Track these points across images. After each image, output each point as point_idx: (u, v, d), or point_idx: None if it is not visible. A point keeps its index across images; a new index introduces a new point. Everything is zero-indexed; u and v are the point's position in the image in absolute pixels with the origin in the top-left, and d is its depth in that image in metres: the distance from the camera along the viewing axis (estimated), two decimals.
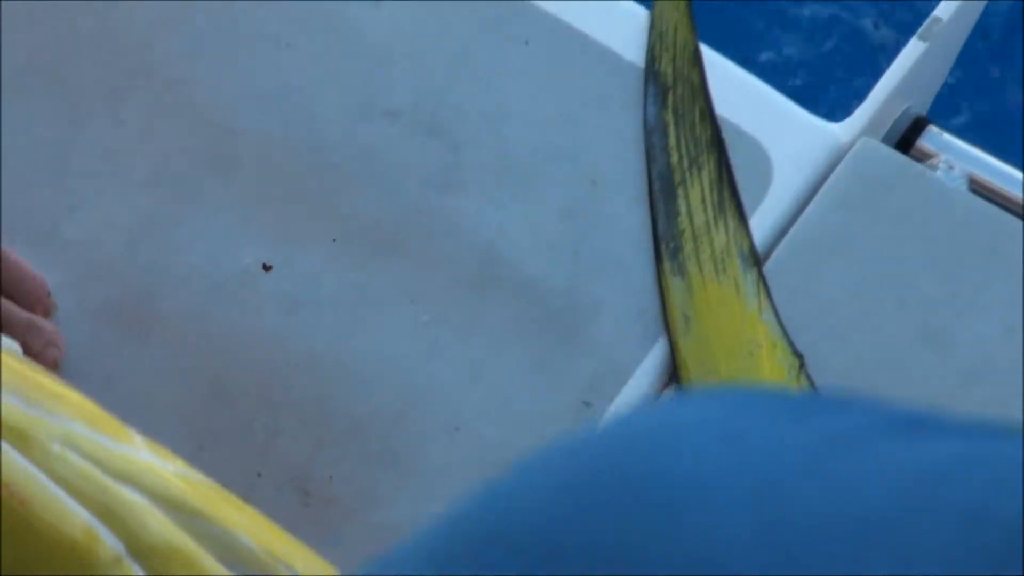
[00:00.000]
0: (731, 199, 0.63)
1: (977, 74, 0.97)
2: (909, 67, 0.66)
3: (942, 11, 0.67)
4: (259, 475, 0.59)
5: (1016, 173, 0.64)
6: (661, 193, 0.63)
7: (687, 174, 0.62)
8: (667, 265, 0.65)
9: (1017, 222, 0.63)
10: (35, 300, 0.70)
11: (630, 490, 0.27)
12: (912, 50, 0.67)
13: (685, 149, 0.63)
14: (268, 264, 0.61)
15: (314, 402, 0.60)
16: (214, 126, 0.64)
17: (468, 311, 0.61)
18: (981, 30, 0.75)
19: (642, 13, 0.65)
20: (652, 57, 0.67)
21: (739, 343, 0.64)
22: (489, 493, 0.29)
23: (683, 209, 0.64)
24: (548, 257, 0.61)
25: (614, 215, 0.62)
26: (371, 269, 0.61)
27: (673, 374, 0.62)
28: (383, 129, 0.63)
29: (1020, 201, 0.64)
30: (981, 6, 0.70)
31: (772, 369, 0.63)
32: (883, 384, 0.59)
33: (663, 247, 0.64)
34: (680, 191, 0.63)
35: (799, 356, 0.61)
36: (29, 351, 0.67)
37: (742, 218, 0.64)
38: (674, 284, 0.65)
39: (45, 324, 0.69)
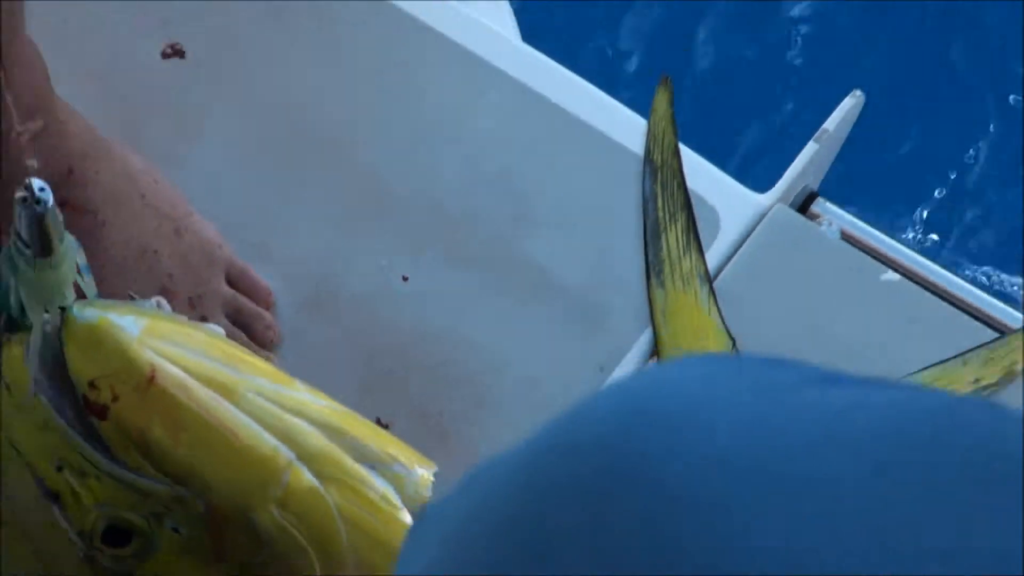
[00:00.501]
0: (694, 240, 0.90)
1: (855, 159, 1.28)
2: (807, 160, 0.97)
3: (830, 123, 1.01)
4: (394, 411, 0.86)
5: (872, 229, 0.98)
6: (651, 235, 0.91)
7: (668, 224, 0.90)
8: (653, 281, 0.90)
9: (869, 259, 0.96)
10: (260, 298, 0.88)
11: (644, 414, 0.32)
12: (809, 149, 0.99)
13: (667, 209, 0.90)
14: (406, 276, 0.90)
15: (432, 366, 0.88)
16: (371, 178, 0.95)
17: (529, 304, 0.90)
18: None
19: (643, 122, 0.94)
20: (648, 149, 0.92)
21: (696, 332, 0.89)
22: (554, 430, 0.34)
23: (664, 246, 0.90)
24: (583, 273, 0.91)
25: (623, 248, 0.91)
26: (469, 276, 0.91)
27: (654, 351, 0.92)
28: (483, 188, 0.94)
29: (873, 246, 0.97)
30: (855, 117, 1.04)
31: (716, 348, 0.95)
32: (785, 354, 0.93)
33: (651, 269, 0.91)
34: (663, 234, 0.90)
35: (732, 340, 0.93)
36: (254, 335, 0.86)
37: (700, 253, 0.90)
38: (657, 293, 0.90)
39: (266, 315, 0.87)
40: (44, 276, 0.55)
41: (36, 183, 0.52)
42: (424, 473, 0.66)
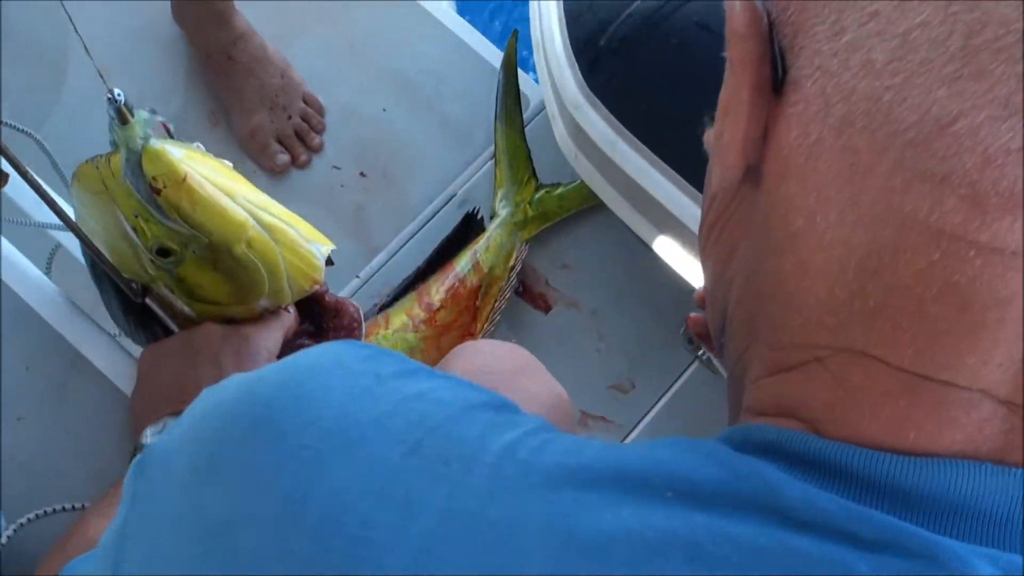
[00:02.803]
0: (518, 105, 1.81)
1: None
2: None
3: None
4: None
5: None
6: (499, 101, 1.77)
7: (506, 98, 1.81)
8: (496, 122, 1.80)
9: None
10: (318, 112, 1.83)
11: (291, 386, 0.48)
12: None
13: (509, 94, 1.82)
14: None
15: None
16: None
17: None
18: None
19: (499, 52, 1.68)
20: (503, 68, 1.80)
21: (514, 145, 1.77)
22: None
23: (504, 108, 1.80)
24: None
25: (489, 117, 1.62)
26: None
27: (494, 156, 1.59)
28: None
29: None
30: None
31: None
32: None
33: (496, 115, 1.76)
34: (505, 101, 1.76)
35: (528, 150, 1.66)
36: (307, 141, 1.80)
37: (520, 110, 1.76)
38: (498, 127, 1.81)
39: (316, 125, 1.80)
40: (124, 131, 0.89)
41: (116, 91, 0.87)
42: (327, 248, 1.04)
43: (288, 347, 1.08)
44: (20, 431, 1.14)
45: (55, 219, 0.96)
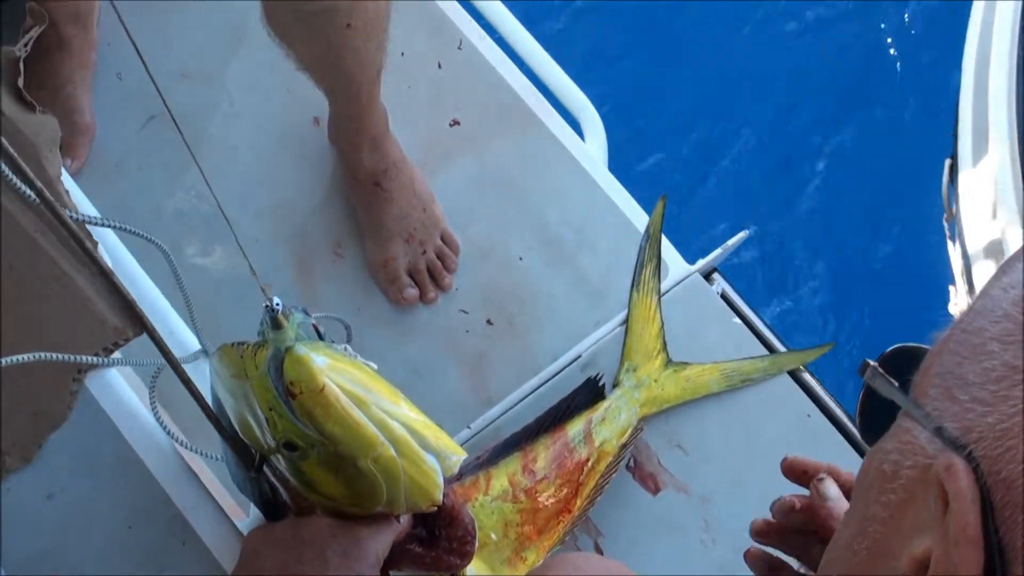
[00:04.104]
0: (657, 274, 1.77)
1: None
2: (728, 248, 1.57)
3: (731, 242, 1.71)
4: None
5: (734, 294, 1.77)
6: (638, 266, 1.79)
7: (647, 262, 1.74)
8: (633, 290, 1.77)
9: (728, 308, 1.73)
10: (453, 252, 1.85)
11: None
12: (738, 238, 1.59)
13: (649, 254, 1.74)
14: None
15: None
16: None
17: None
18: None
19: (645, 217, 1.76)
20: (648, 227, 1.79)
21: (648, 316, 1.72)
22: None
23: (643, 272, 1.76)
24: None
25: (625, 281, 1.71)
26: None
27: (624, 322, 1.70)
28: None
29: (733, 300, 1.77)
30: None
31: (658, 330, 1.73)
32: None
33: (633, 284, 1.78)
34: (645, 266, 1.72)
35: (662, 323, 1.74)
36: (439, 279, 1.81)
37: (659, 281, 1.77)
38: (633, 295, 1.78)
39: (451, 265, 1.81)
40: (276, 334, 0.92)
41: (275, 300, 0.90)
42: (456, 458, 1.03)
43: (398, 551, 1.06)
44: None
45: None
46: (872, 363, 0.62)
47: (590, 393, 1.69)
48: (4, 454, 1.12)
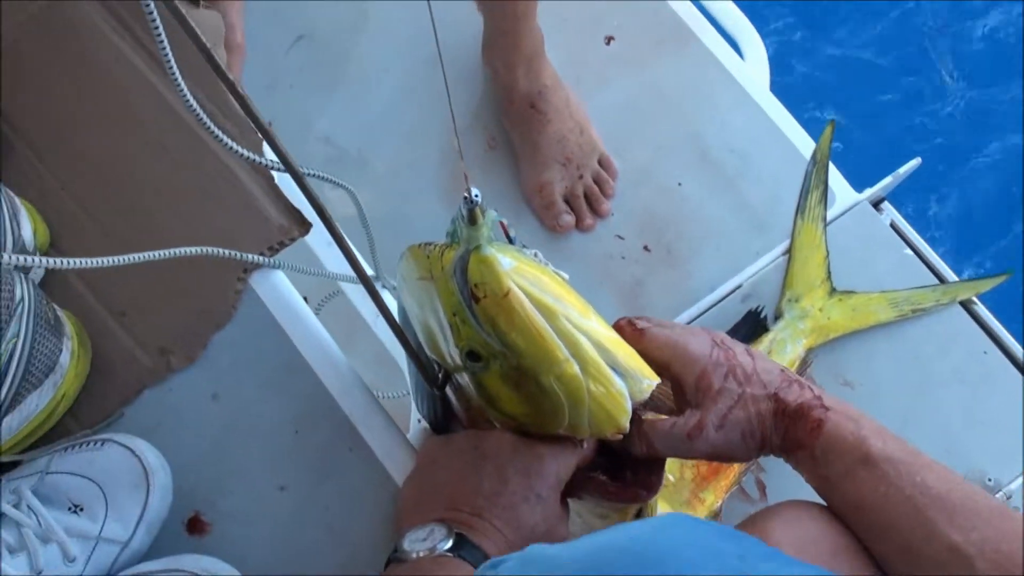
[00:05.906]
0: (823, 201, 1.72)
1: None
2: (900, 176, 1.50)
3: (902, 170, 1.61)
4: None
5: (905, 222, 1.61)
6: (803, 191, 1.68)
7: (813, 187, 1.63)
8: (798, 216, 1.72)
9: (897, 238, 1.64)
10: (611, 176, 1.77)
11: (650, 557, 0.59)
12: (909, 166, 1.55)
13: (816, 180, 1.64)
14: None
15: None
16: None
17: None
18: None
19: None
20: (815, 153, 1.72)
21: (813, 244, 1.70)
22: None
23: (809, 198, 1.69)
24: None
25: (789, 209, 1.66)
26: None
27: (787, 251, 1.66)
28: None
29: (902, 230, 1.66)
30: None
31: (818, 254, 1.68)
32: None
33: (798, 209, 1.73)
34: (811, 192, 1.63)
35: (827, 252, 1.66)
36: (596, 205, 1.73)
37: (825, 207, 1.72)
38: (797, 221, 1.72)
39: (608, 190, 1.75)
40: (470, 232, 0.85)
41: (475, 191, 0.83)
42: (648, 383, 0.94)
43: (580, 478, 1.00)
44: (280, 498, 1.10)
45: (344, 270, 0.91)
46: None
47: (752, 327, 1.63)
48: (169, 353, 1.12)
